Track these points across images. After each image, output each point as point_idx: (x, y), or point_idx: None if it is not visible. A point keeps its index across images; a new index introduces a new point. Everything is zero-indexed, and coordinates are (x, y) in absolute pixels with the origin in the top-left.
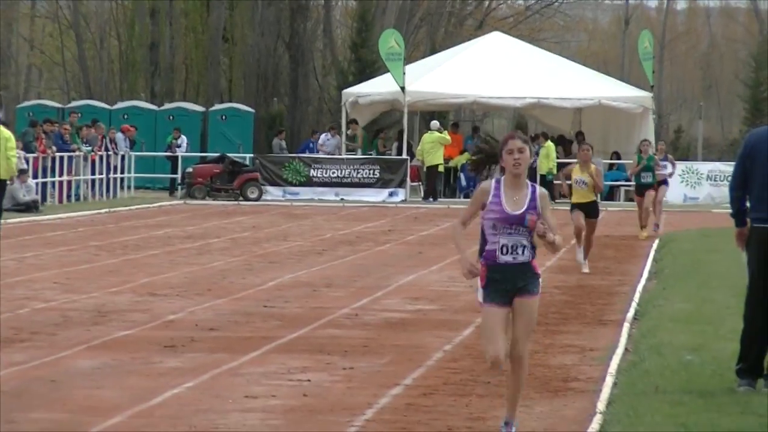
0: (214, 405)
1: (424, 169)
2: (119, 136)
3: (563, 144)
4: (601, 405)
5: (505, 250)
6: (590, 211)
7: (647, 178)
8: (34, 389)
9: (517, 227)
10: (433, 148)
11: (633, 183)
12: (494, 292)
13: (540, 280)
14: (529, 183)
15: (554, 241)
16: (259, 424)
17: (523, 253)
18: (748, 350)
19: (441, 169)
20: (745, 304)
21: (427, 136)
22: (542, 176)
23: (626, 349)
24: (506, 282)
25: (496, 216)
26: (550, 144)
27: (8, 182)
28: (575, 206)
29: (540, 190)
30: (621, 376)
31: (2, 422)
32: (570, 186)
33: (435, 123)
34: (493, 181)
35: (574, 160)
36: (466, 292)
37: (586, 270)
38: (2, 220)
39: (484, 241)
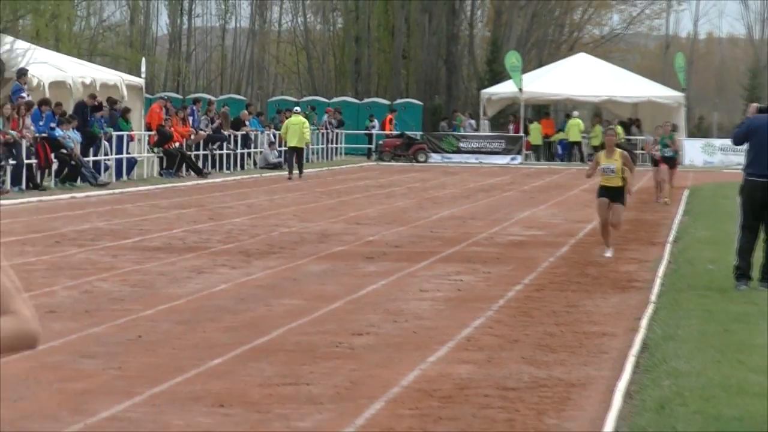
0: (399, 296)
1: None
2: (325, 117)
3: (624, 127)
4: (653, 297)
5: None
6: (616, 196)
7: (666, 152)
8: (281, 284)
9: None
10: (572, 128)
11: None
12: None
13: None
14: None
15: None
16: (429, 308)
17: None
18: (741, 261)
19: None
20: (739, 231)
21: (572, 121)
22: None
23: (669, 261)
24: None
25: None
26: (619, 126)
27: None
28: (602, 189)
29: None
30: (666, 278)
31: (261, 305)
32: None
33: (576, 113)
34: None
35: (639, 137)
36: (565, 222)
37: (608, 255)
38: (287, 175)
39: None
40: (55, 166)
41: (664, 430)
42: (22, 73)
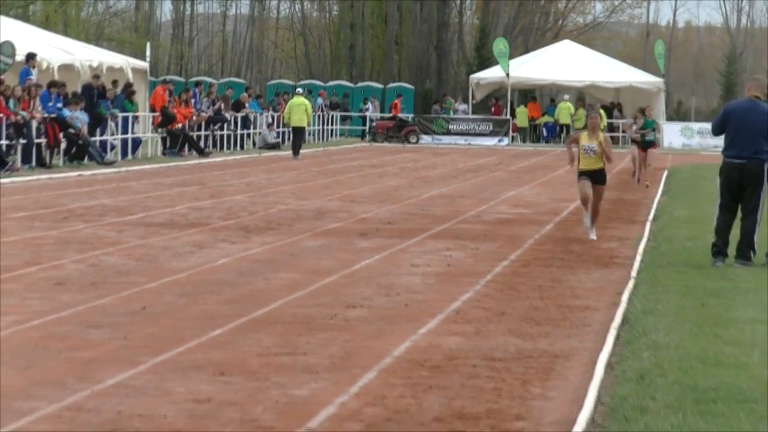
0: (391, 270)
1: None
2: (320, 100)
3: (606, 110)
4: (633, 273)
5: None
6: (598, 178)
7: (649, 136)
8: (279, 259)
9: None
10: (562, 111)
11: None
12: None
13: None
14: None
15: None
16: (420, 282)
17: None
18: (718, 239)
19: (568, 123)
20: (717, 210)
21: (562, 104)
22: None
23: (648, 239)
24: None
25: None
26: (601, 111)
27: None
28: (582, 173)
29: None
30: (645, 255)
31: (260, 279)
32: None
33: (567, 96)
34: None
35: (620, 120)
36: (550, 201)
37: (593, 237)
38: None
39: None
40: (63, 146)
41: (644, 400)
42: (31, 56)
